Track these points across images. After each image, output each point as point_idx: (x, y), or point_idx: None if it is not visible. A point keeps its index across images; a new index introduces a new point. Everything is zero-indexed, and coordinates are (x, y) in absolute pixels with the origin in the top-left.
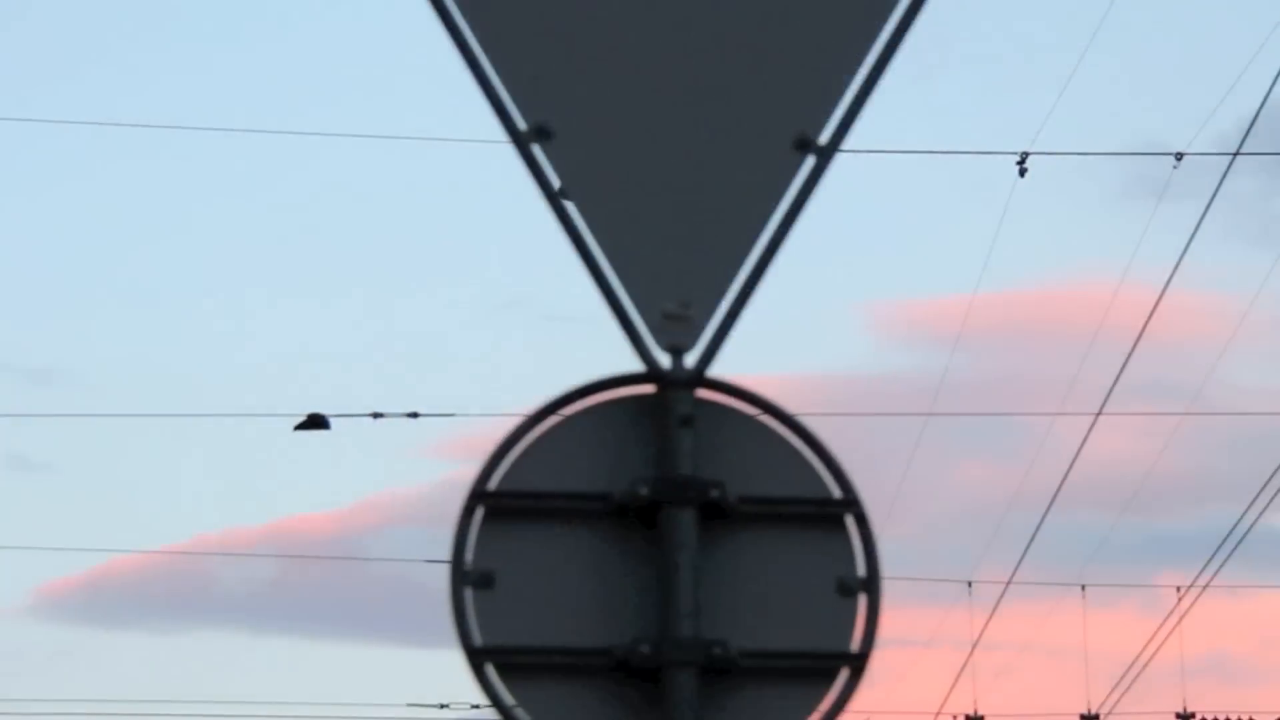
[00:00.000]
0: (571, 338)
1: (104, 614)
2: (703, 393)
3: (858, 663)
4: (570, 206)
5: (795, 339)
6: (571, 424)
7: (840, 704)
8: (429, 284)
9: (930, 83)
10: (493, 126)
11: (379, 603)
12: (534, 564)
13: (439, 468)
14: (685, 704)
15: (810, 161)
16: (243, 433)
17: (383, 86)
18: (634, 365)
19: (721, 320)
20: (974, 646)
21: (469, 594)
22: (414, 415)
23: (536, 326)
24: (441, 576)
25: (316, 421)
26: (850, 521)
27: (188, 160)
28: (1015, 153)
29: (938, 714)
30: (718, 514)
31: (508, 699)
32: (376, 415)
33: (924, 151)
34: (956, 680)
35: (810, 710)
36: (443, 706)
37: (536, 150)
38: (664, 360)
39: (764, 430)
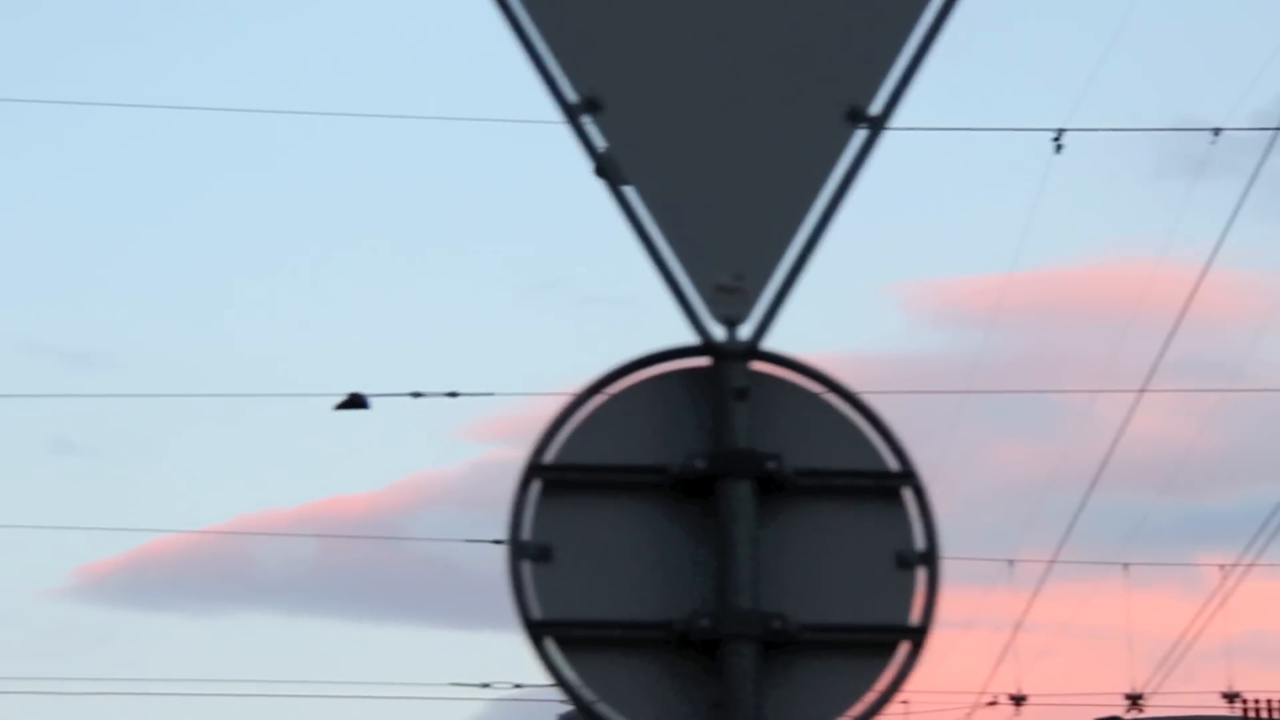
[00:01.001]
0: (609, 318)
1: (144, 595)
2: (757, 365)
3: (918, 636)
4: (620, 179)
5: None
6: (627, 397)
7: (901, 678)
8: (466, 265)
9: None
10: (534, 106)
11: (417, 583)
12: (591, 537)
13: (474, 449)
14: (745, 677)
15: (862, 132)
16: (282, 413)
17: (425, 66)
18: (686, 338)
19: (775, 292)
20: (1016, 627)
21: (527, 567)
22: (453, 395)
23: (574, 307)
24: (480, 557)
25: (356, 401)
26: (908, 494)
27: (226, 140)
28: (1051, 129)
29: (980, 693)
30: (774, 487)
31: (567, 672)
32: (416, 395)
33: (959, 129)
34: (1000, 660)
35: (870, 684)
36: (485, 685)
37: (587, 122)
38: (718, 333)
39: (820, 403)
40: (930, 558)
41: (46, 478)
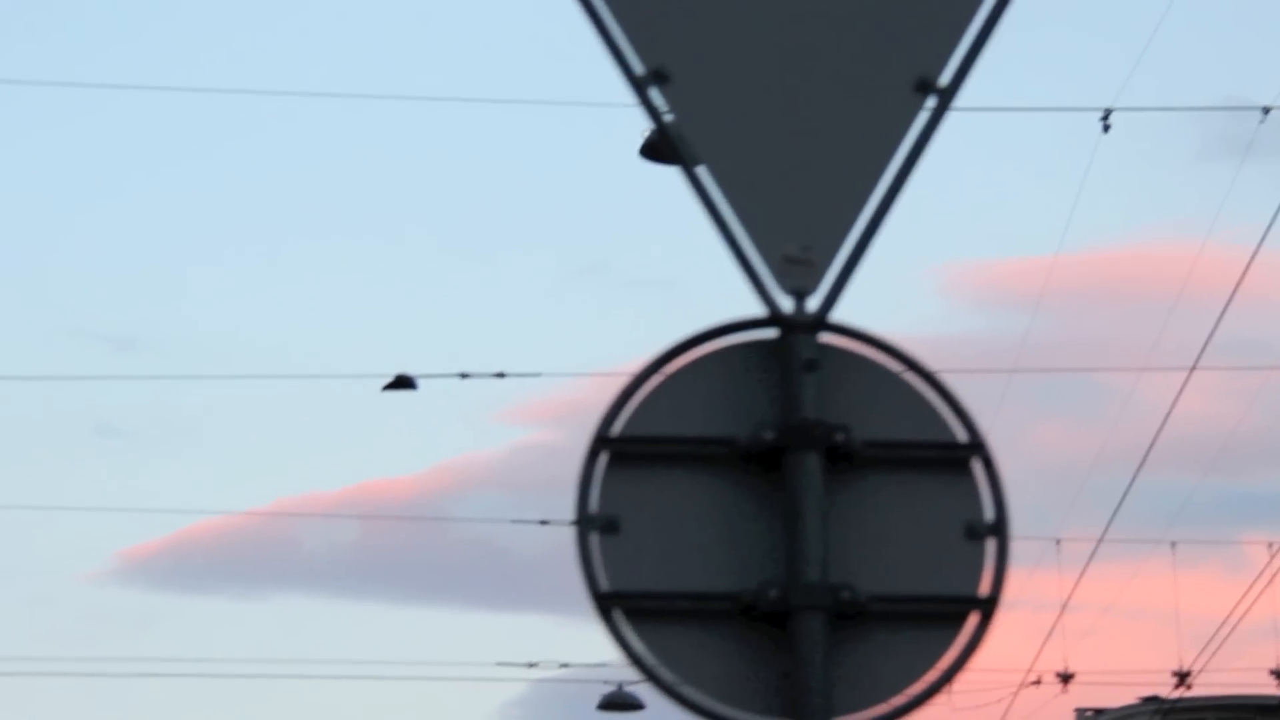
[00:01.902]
0: (652, 302)
1: (185, 578)
2: (826, 337)
3: (987, 607)
4: (683, 155)
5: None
6: (694, 369)
7: (970, 649)
8: (510, 248)
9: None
10: (582, 89)
11: (461, 566)
12: (659, 509)
13: (516, 432)
14: (814, 649)
15: (931, 103)
16: (327, 396)
17: (473, 49)
18: (732, 318)
19: (843, 264)
20: (1064, 606)
21: (594, 539)
22: (500, 375)
23: (617, 291)
24: (524, 540)
25: (403, 382)
26: (977, 465)
27: (269, 123)
28: (1098, 109)
29: (1028, 671)
30: (843, 458)
31: (635, 644)
32: (463, 376)
33: (1003, 109)
34: (1047, 639)
35: (939, 655)
36: (531, 665)
37: (654, 94)
38: (786, 305)
39: (888, 374)
40: (999, 529)
41: (90, 461)
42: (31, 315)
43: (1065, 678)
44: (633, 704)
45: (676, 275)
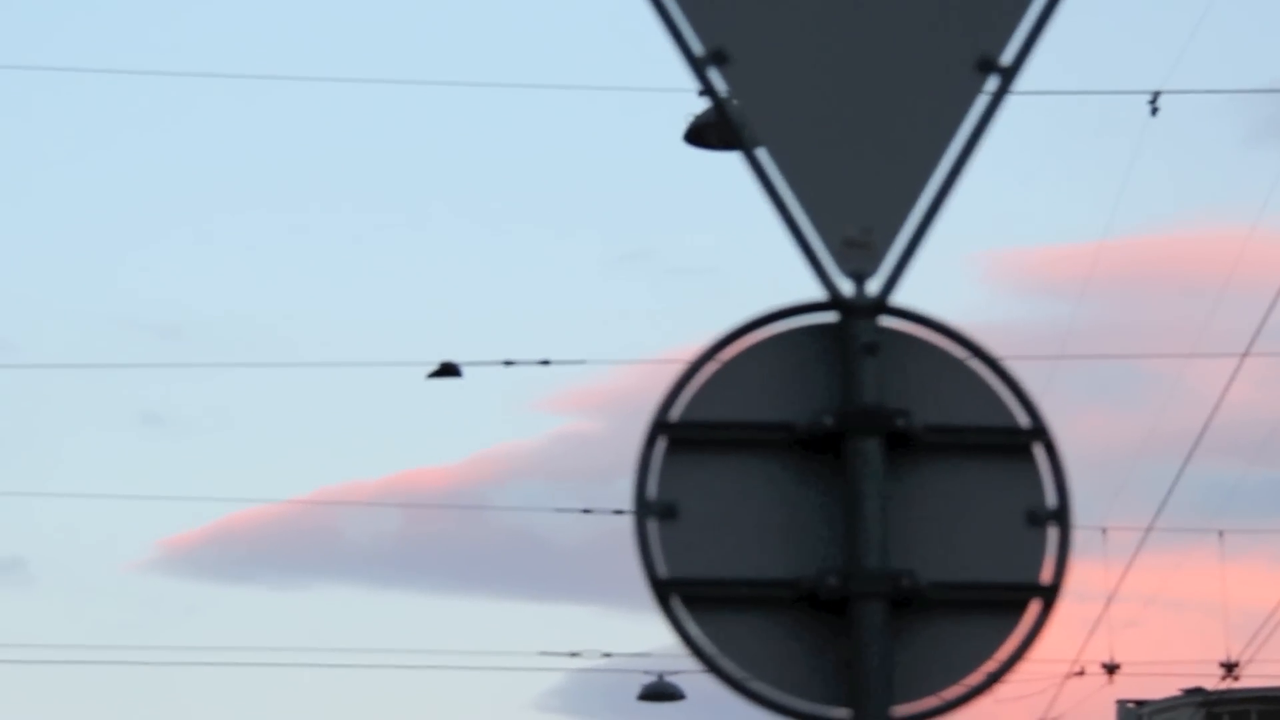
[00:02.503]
0: (694, 289)
1: (227, 568)
2: (886, 320)
3: (1049, 595)
4: (747, 132)
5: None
6: (753, 353)
7: (1032, 637)
8: (551, 237)
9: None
10: (625, 75)
11: (501, 556)
12: (717, 495)
13: (554, 421)
14: (874, 636)
15: (993, 82)
16: (369, 384)
17: (518, 35)
18: (799, 295)
19: (904, 246)
20: (1110, 597)
21: (652, 525)
22: (545, 363)
23: (658, 279)
24: (564, 529)
25: (449, 370)
26: (1039, 451)
27: (312, 110)
28: (1146, 92)
29: (1073, 663)
30: (903, 443)
31: (693, 631)
32: (508, 363)
33: (1050, 92)
34: (1094, 629)
35: (1000, 644)
36: (573, 655)
37: (713, 74)
38: (846, 287)
39: (949, 358)
40: (1062, 515)
41: (135, 450)
42: (79, 304)
43: (1110, 669)
44: (673, 694)
45: (719, 262)
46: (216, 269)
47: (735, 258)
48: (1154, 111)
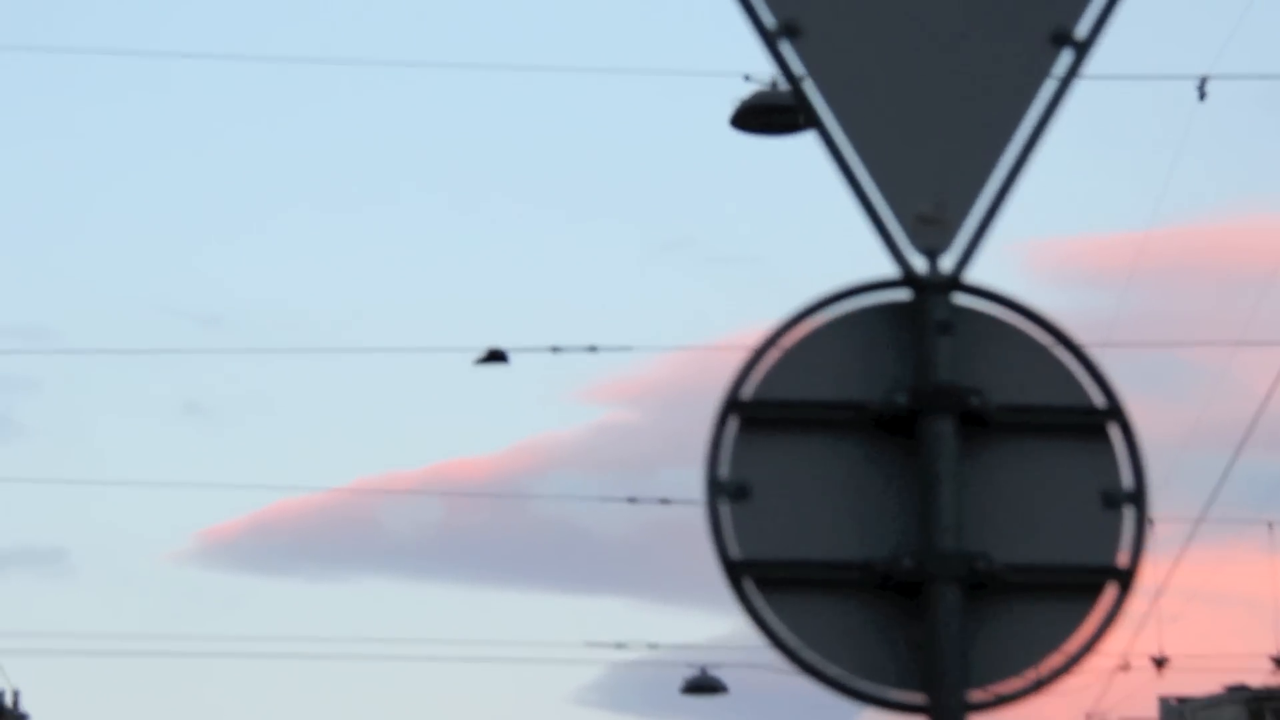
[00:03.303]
0: (733, 278)
1: (266, 559)
2: (960, 298)
3: (1126, 578)
4: (820, 104)
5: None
6: (825, 331)
7: (1108, 620)
8: (593, 224)
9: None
10: (671, 58)
11: (542, 547)
12: (790, 475)
13: (593, 412)
14: (949, 619)
15: (1067, 56)
16: (410, 373)
17: (564, 22)
18: (886, 270)
19: (978, 222)
20: (1159, 591)
21: (724, 506)
22: (593, 349)
23: (700, 266)
24: (606, 520)
25: (496, 356)
26: (1115, 431)
27: (360, 95)
28: (1194, 77)
29: (1121, 656)
30: (978, 423)
31: (766, 613)
32: (555, 350)
33: (1095, 77)
34: (1143, 623)
35: (1076, 627)
36: (619, 646)
37: (785, 47)
38: (919, 264)
39: (1024, 337)
40: (1138, 497)
41: (177, 439)
42: (121, 292)
43: (1159, 662)
44: (717, 687)
45: (761, 251)
46: (260, 258)
47: (778, 246)
48: (1202, 97)
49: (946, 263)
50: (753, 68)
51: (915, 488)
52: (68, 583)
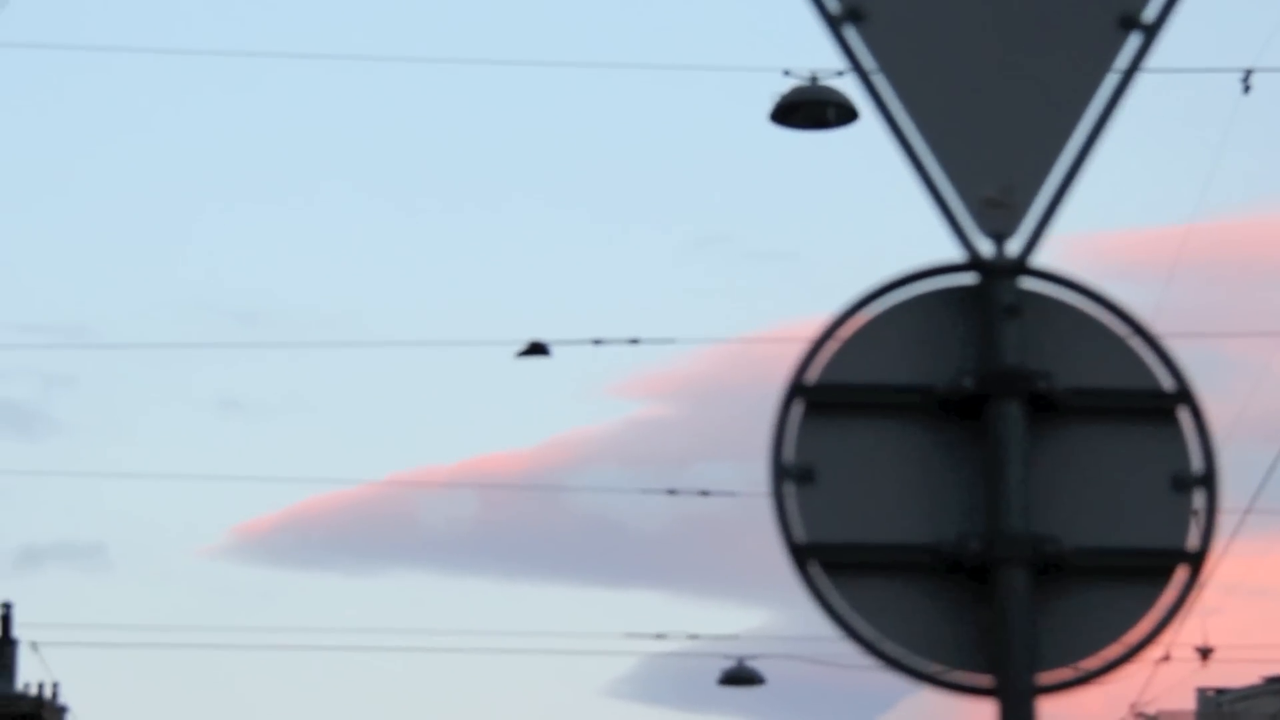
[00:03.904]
0: (770, 274)
1: (301, 554)
2: (1027, 282)
3: (1196, 561)
4: (885, 88)
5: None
6: (891, 315)
7: (1179, 604)
8: (630, 219)
9: None
10: (714, 58)
11: (578, 541)
12: (855, 458)
13: (626, 407)
14: (1018, 602)
15: (1135, 40)
16: (447, 368)
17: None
18: (952, 254)
19: (1045, 206)
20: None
21: (789, 489)
22: (634, 341)
23: (736, 263)
24: (641, 514)
25: (537, 349)
26: (1184, 414)
27: (402, 94)
28: (1238, 69)
29: (1165, 645)
30: (1046, 406)
31: (832, 596)
32: (596, 342)
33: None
34: (1186, 615)
35: (1145, 611)
36: (659, 636)
37: (849, 32)
38: (986, 248)
39: (1091, 320)
40: (1209, 480)
41: (212, 434)
42: (159, 289)
43: (1204, 653)
44: (754, 679)
45: (797, 247)
46: (296, 256)
47: (814, 242)
48: (1246, 90)
49: (1013, 247)
50: (793, 63)
51: (982, 471)
52: (106, 577)
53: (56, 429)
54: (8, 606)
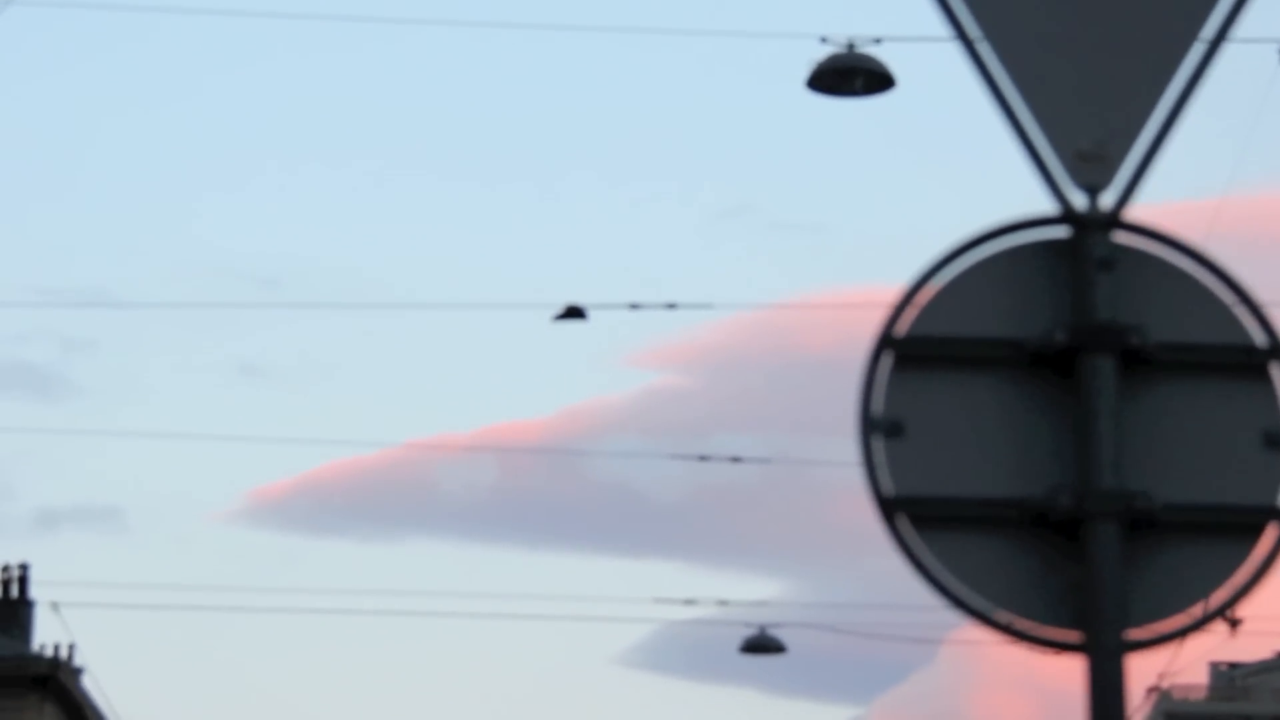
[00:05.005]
0: (795, 245)
1: (317, 519)
2: (1121, 235)
3: None
4: (978, 38)
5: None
6: (982, 268)
7: (1269, 561)
8: (660, 191)
9: None
10: (750, 24)
11: (596, 510)
12: (944, 412)
13: (642, 376)
14: (1107, 558)
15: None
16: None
17: None
18: (1046, 207)
19: (1140, 159)
20: None
21: (878, 443)
22: (671, 306)
23: (761, 233)
24: (660, 484)
25: (574, 312)
26: (1277, 371)
27: (435, 59)
28: (1274, 40)
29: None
30: (1137, 361)
31: (920, 550)
32: (633, 306)
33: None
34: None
35: (1235, 568)
36: (689, 602)
37: None
38: (1079, 202)
39: (1185, 275)
40: None
41: (230, 400)
42: (180, 253)
43: (1233, 623)
44: (776, 647)
45: (824, 219)
46: (317, 218)
47: (841, 213)
48: None
49: (1107, 200)
50: (829, 29)
51: (1073, 426)
52: (122, 539)
53: (75, 392)
54: (24, 568)
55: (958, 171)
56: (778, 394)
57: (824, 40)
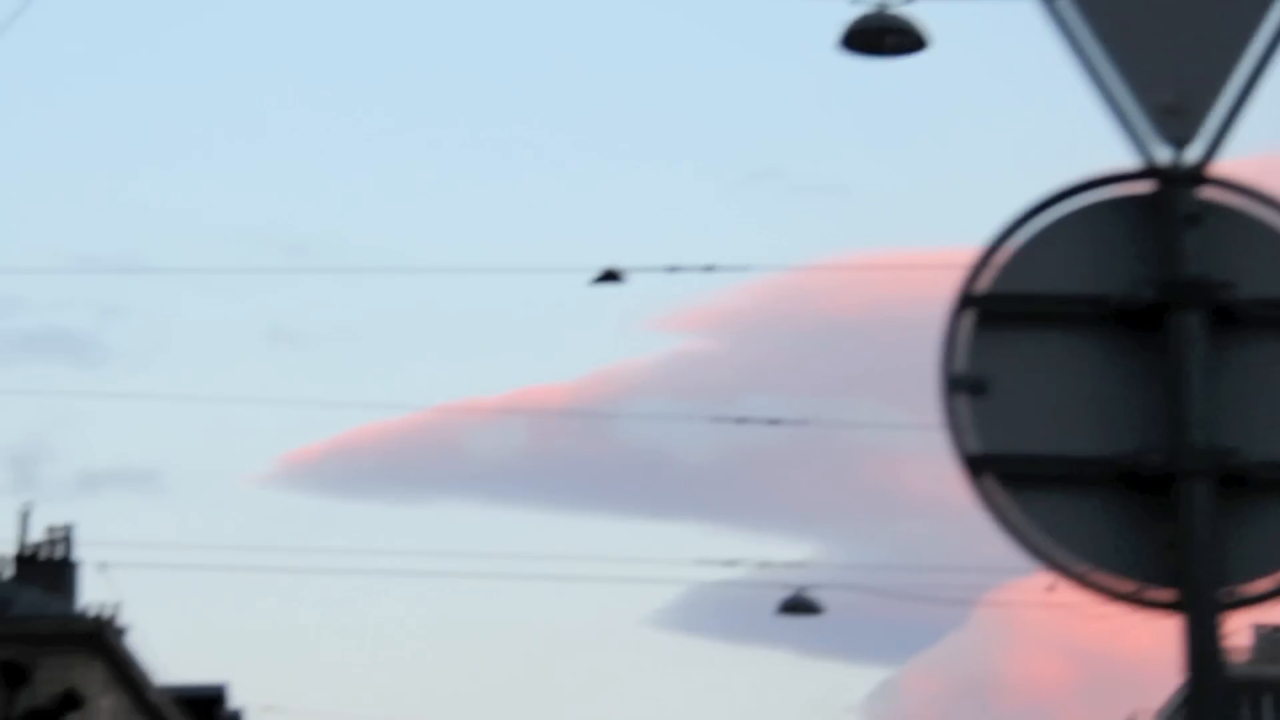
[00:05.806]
0: (820, 208)
1: (348, 482)
2: (1207, 190)
3: None
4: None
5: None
6: (1065, 224)
7: None
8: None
9: None
10: None
11: (625, 472)
12: (1029, 369)
13: (669, 340)
14: (1202, 517)
15: None
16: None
17: None
18: (1129, 162)
19: (1225, 113)
20: None
21: (962, 401)
22: (709, 269)
23: (785, 196)
24: (690, 447)
25: (611, 275)
26: None
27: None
28: None
29: None
30: (1227, 318)
31: (1008, 508)
32: (672, 269)
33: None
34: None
35: None
36: (730, 564)
37: None
38: (1163, 156)
39: (1273, 230)
40: None
41: (261, 364)
42: (210, 219)
43: None
44: (813, 607)
45: (850, 181)
46: (349, 183)
47: (867, 176)
48: None
49: (1192, 154)
50: None
51: (1162, 383)
52: (161, 501)
53: (112, 357)
54: (69, 529)
55: (987, 133)
56: (804, 356)
57: (855, 1)
